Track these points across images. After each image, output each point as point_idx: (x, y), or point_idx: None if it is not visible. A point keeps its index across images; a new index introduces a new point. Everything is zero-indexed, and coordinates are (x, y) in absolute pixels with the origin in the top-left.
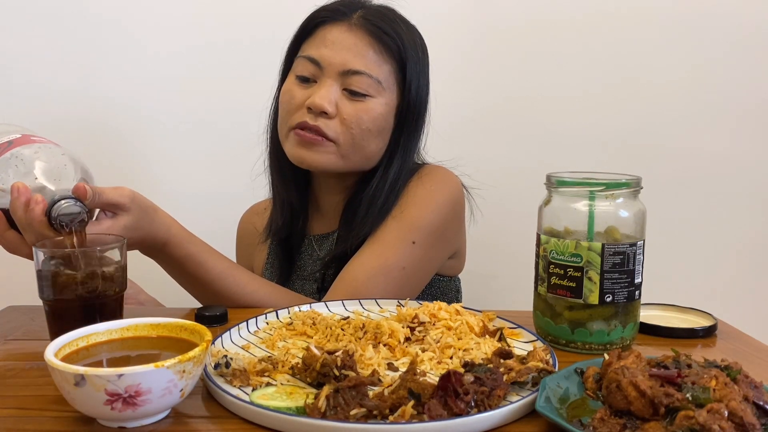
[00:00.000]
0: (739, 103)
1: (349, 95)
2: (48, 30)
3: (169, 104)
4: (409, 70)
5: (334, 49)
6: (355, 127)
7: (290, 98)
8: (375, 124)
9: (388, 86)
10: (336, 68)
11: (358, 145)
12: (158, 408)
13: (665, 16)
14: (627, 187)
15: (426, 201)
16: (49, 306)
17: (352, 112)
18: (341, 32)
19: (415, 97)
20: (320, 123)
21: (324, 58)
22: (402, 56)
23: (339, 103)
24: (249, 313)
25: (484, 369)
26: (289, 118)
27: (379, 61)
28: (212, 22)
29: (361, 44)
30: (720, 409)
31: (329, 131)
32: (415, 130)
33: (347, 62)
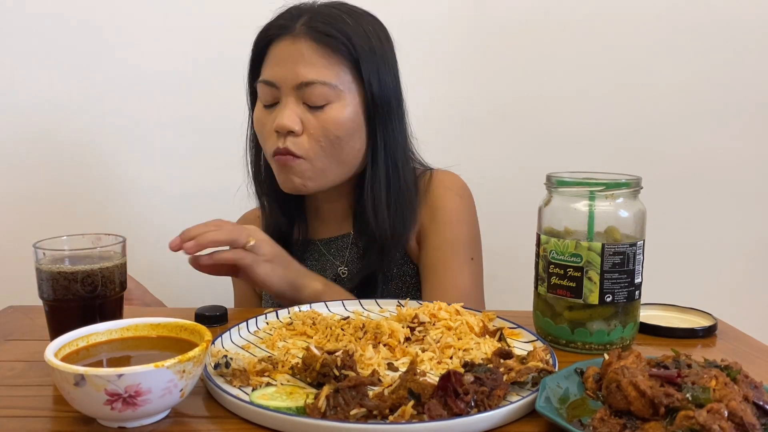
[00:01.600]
0: (739, 103)
1: (310, 108)
2: (40, 32)
3: (165, 104)
4: (364, 66)
5: (284, 66)
6: (323, 139)
7: (261, 127)
8: (343, 129)
9: (346, 87)
10: (290, 84)
11: (332, 155)
12: (158, 408)
13: (665, 17)
14: (627, 187)
15: (463, 215)
16: (49, 306)
17: (317, 125)
18: (287, 46)
19: (379, 89)
20: (289, 143)
21: (277, 78)
22: (353, 54)
23: (303, 119)
24: (249, 313)
25: (484, 369)
26: (266, 146)
27: (329, 64)
28: (209, 22)
29: (308, 53)
30: (720, 409)
31: (298, 149)
32: (390, 121)
33: (298, 75)
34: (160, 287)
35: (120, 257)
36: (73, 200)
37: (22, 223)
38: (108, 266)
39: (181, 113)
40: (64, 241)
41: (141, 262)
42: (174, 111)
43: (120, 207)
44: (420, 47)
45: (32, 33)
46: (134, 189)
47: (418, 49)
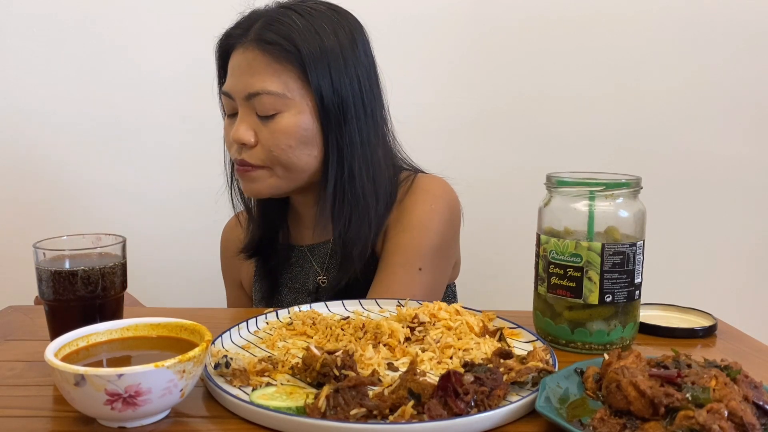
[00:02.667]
0: (739, 104)
1: (262, 118)
2: (44, 31)
3: (165, 105)
4: (311, 71)
5: (236, 77)
6: (275, 149)
7: (226, 137)
8: (294, 138)
9: (295, 95)
10: (241, 95)
11: (287, 163)
12: (158, 408)
13: (666, 18)
14: (627, 187)
15: (427, 223)
16: (49, 306)
17: (268, 135)
18: (238, 56)
19: (332, 92)
20: (244, 155)
21: (231, 89)
22: (298, 60)
23: (256, 129)
24: (249, 313)
25: (484, 369)
26: (231, 156)
27: (276, 72)
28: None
29: (255, 62)
30: (720, 409)
31: (254, 160)
32: (348, 125)
33: (246, 86)
34: (160, 287)
35: (120, 257)
36: (73, 200)
37: (22, 223)
38: (108, 266)
39: (181, 114)
40: (64, 241)
41: (141, 262)
42: (174, 112)
43: (120, 207)
44: (419, 47)
45: (31, 33)
46: (134, 189)
47: (417, 48)
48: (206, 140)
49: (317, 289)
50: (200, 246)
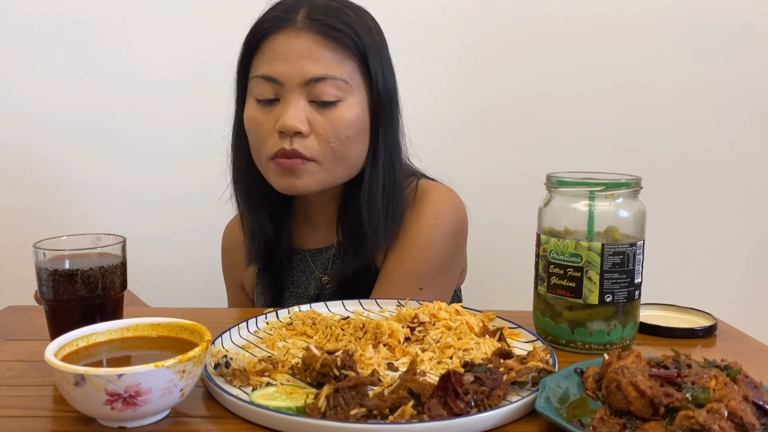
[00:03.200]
0: (739, 104)
1: (318, 106)
2: (44, 31)
3: (165, 105)
4: (372, 60)
5: (287, 61)
6: (333, 140)
7: (258, 126)
8: (353, 129)
9: (354, 84)
10: (296, 80)
11: (340, 157)
12: (158, 408)
13: (666, 18)
14: (627, 187)
15: (431, 240)
16: (49, 306)
17: (327, 125)
18: (289, 40)
19: (383, 86)
20: (297, 145)
21: (281, 73)
22: (360, 48)
23: (310, 118)
24: (249, 313)
25: (484, 369)
26: (264, 148)
27: (339, 59)
28: (214, 25)
29: (314, 47)
30: (720, 409)
31: (308, 151)
32: (392, 120)
33: (306, 71)
34: (160, 287)
35: (120, 257)
36: (73, 201)
37: (22, 223)
38: (108, 266)
39: (181, 114)
40: (64, 241)
41: (141, 262)
42: (175, 112)
43: (120, 207)
44: (419, 48)
45: (30, 34)
46: (134, 189)
47: (417, 49)
48: (208, 141)
49: (318, 288)
50: (200, 246)
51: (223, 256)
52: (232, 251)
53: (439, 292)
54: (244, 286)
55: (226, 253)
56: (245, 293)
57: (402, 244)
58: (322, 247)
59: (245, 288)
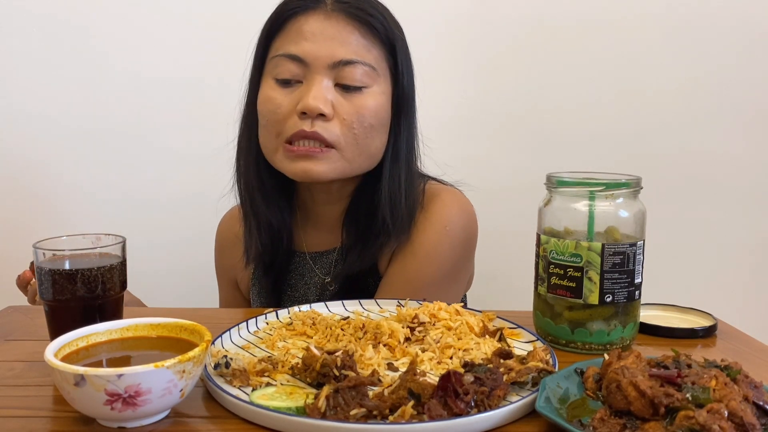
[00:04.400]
0: (739, 105)
1: (343, 90)
2: (44, 32)
3: (165, 105)
4: (399, 52)
5: (316, 42)
6: (357, 126)
7: (275, 106)
8: (377, 118)
9: (381, 72)
10: (324, 62)
11: (362, 145)
12: (158, 408)
13: (666, 19)
14: (627, 187)
15: (438, 249)
16: (49, 306)
17: (351, 110)
18: (319, 21)
19: (407, 81)
20: (318, 128)
21: (308, 53)
22: (390, 37)
23: (334, 102)
24: (249, 313)
25: (484, 369)
26: (279, 129)
27: (368, 45)
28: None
29: (345, 31)
30: (720, 409)
31: (330, 135)
32: (412, 117)
33: (335, 53)
34: (160, 287)
35: (120, 257)
36: (73, 201)
37: (21, 223)
38: (108, 266)
39: (180, 115)
40: (64, 241)
41: (141, 262)
42: (174, 113)
43: (119, 207)
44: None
45: (31, 34)
46: (134, 189)
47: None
48: (207, 142)
49: (321, 289)
50: (200, 246)
51: (217, 252)
52: (227, 248)
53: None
54: (238, 285)
55: (221, 249)
56: (239, 292)
57: (407, 251)
58: (324, 250)
59: (240, 287)
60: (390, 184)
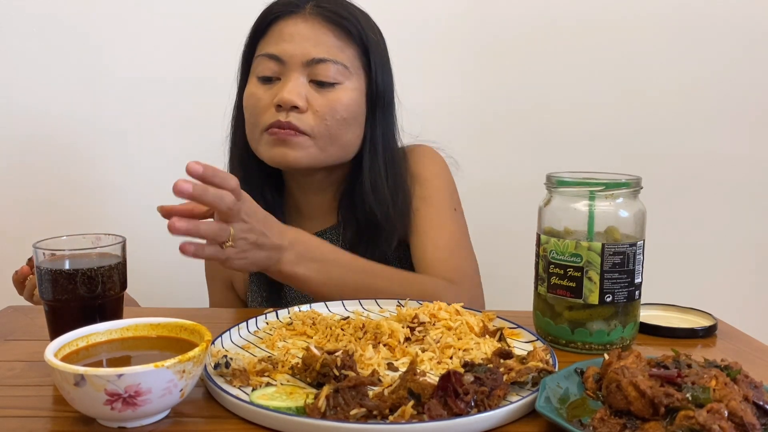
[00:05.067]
0: (739, 105)
1: (318, 86)
2: (44, 31)
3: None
4: (372, 53)
5: (293, 42)
6: (329, 118)
7: (256, 101)
8: (349, 111)
9: (354, 71)
10: (299, 60)
11: (335, 136)
12: (158, 408)
13: (666, 19)
14: (627, 187)
15: (437, 170)
16: (49, 306)
17: (324, 103)
18: (296, 24)
19: (381, 80)
20: (292, 118)
21: (284, 53)
22: (363, 40)
23: (308, 96)
24: (249, 313)
25: (484, 369)
26: (259, 121)
27: (341, 46)
28: (213, 24)
29: (320, 32)
30: (720, 409)
31: (303, 125)
32: (388, 114)
33: (309, 52)
34: (160, 287)
35: (119, 257)
36: (73, 200)
37: (21, 223)
38: (108, 266)
39: (180, 113)
40: (64, 242)
41: (141, 263)
42: (173, 111)
43: (119, 207)
44: (419, 49)
45: (31, 34)
46: (133, 189)
47: (420, 52)
48: (206, 140)
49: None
50: None
51: None
52: None
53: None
54: (233, 285)
55: None
56: (233, 293)
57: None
58: (322, 229)
59: (235, 286)
60: (371, 174)
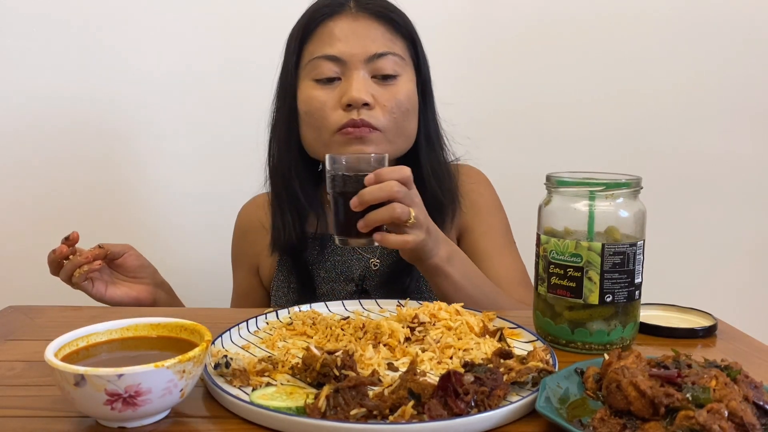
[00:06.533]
0: (739, 104)
1: (380, 80)
2: (45, 32)
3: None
4: (418, 43)
5: (349, 41)
6: (396, 111)
7: (320, 104)
8: (411, 102)
9: (408, 62)
10: (360, 57)
11: (401, 128)
12: (158, 408)
13: (667, 19)
14: (627, 187)
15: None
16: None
17: (389, 96)
18: (347, 23)
19: (426, 70)
20: (365, 116)
21: (344, 52)
22: (409, 31)
23: (373, 92)
24: (249, 313)
25: (484, 369)
26: (327, 123)
27: (393, 38)
28: (214, 23)
29: (371, 28)
30: (720, 409)
31: (375, 121)
32: (434, 104)
33: (368, 48)
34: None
35: None
36: (73, 200)
37: (21, 223)
38: None
39: (191, 115)
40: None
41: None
42: (185, 112)
43: (119, 207)
44: None
45: (37, 33)
46: (133, 188)
47: None
48: (210, 142)
49: (364, 273)
50: (200, 246)
51: (239, 238)
52: (252, 233)
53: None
54: (259, 272)
55: (243, 234)
56: (257, 279)
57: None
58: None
59: (261, 273)
60: (431, 162)
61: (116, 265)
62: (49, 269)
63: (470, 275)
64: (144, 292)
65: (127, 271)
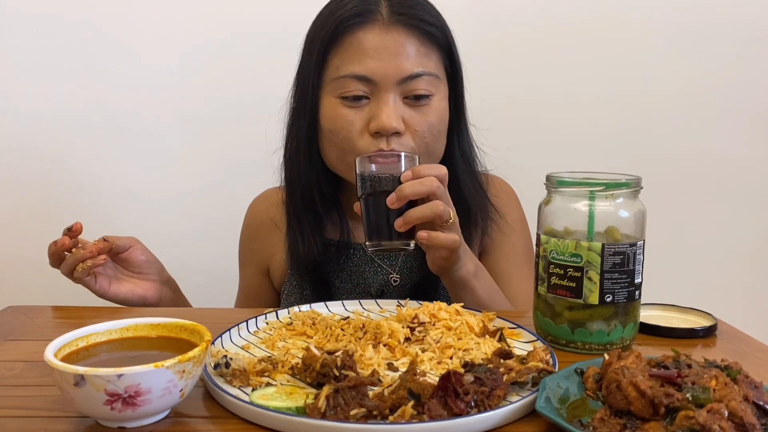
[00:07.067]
0: (739, 104)
1: (412, 100)
2: (44, 30)
3: (168, 104)
4: (455, 52)
5: (381, 59)
6: (428, 136)
7: (347, 124)
8: (442, 123)
9: (441, 77)
10: (392, 79)
11: (431, 150)
12: (158, 408)
13: (667, 19)
14: (627, 187)
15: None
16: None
17: (421, 120)
18: (379, 36)
19: (461, 86)
20: (394, 144)
21: (375, 72)
22: (448, 39)
23: (404, 115)
24: (248, 313)
25: (484, 369)
26: (353, 146)
27: (427, 53)
28: (212, 21)
29: (406, 43)
30: (720, 409)
31: (405, 149)
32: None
33: (402, 69)
34: None
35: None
36: (74, 200)
37: (21, 223)
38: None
39: (184, 113)
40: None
41: None
42: (176, 112)
43: (118, 207)
44: None
45: (31, 33)
46: (132, 189)
47: None
48: (209, 141)
49: (383, 288)
50: (199, 246)
51: (248, 235)
52: (262, 231)
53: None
54: (270, 272)
55: (254, 232)
56: (266, 278)
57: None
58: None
59: (272, 274)
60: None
61: (121, 259)
62: (49, 261)
63: (492, 293)
64: (150, 290)
65: (132, 267)
